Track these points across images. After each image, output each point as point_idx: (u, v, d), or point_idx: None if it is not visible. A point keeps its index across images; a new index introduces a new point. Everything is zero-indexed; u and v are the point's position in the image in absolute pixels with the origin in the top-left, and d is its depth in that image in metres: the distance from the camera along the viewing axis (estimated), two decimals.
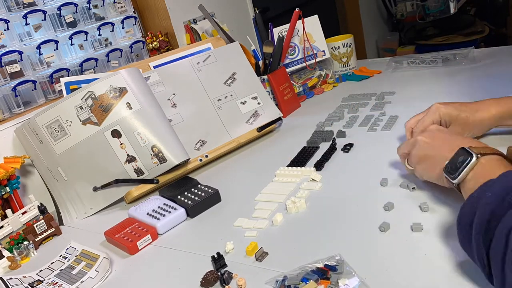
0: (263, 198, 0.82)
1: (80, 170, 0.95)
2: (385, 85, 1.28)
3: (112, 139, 0.93)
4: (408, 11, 3.10)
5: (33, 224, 0.88)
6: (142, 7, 1.52)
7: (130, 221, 0.83)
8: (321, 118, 1.13)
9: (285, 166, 0.91)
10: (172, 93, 1.07)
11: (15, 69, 1.13)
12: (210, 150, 1.04)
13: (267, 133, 1.14)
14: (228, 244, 0.68)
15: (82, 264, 0.75)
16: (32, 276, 0.75)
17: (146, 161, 0.93)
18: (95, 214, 0.95)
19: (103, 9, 1.36)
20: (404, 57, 1.43)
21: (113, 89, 0.95)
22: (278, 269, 0.61)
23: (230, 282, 0.61)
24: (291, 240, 0.67)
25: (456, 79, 1.18)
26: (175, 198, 0.86)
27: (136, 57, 1.44)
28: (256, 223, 0.74)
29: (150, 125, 0.95)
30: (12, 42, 1.14)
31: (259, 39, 1.38)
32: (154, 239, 0.78)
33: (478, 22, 2.81)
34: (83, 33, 1.30)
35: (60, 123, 0.94)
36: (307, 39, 1.34)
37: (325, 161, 0.90)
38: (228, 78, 1.15)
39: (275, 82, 1.22)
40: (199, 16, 1.56)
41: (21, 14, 1.16)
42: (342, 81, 1.41)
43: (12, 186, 0.91)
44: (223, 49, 1.19)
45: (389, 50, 3.12)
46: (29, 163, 1.00)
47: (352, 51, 1.45)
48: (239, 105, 1.13)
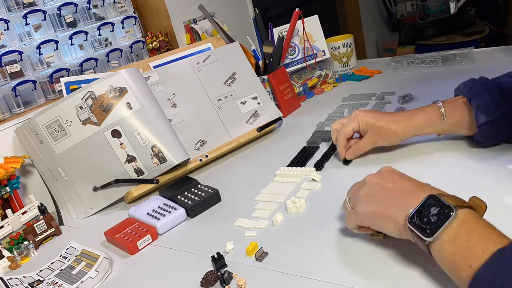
0: (263, 198, 0.82)
1: (80, 170, 0.95)
2: (385, 85, 1.28)
3: (112, 139, 0.93)
4: (408, 11, 3.10)
5: (33, 224, 0.88)
6: (142, 7, 1.52)
7: (130, 221, 0.83)
8: (321, 118, 1.13)
9: (285, 166, 0.91)
10: (172, 93, 1.07)
11: (15, 69, 1.13)
12: (210, 150, 1.04)
13: (267, 133, 1.14)
14: (228, 244, 0.68)
15: (82, 264, 0.75)
16: (32, 276, 0.75)
17: (146, 161, 0.93)
18: (95, 214, 0.95)
19: (103, 9, 1.36)
20: (404, 57, 1.43)
21: (113, 89, 0.95)
22: (278, 269, 0.61)
23: (230, 282, 0.61)
24: (291, 240, 0.67)
25: (456, 79, 1.17)
26: (175, 198, 0.86)
27: (136, 57, 1.44)
28: (256, 223, 0.74)
29: (150, 125, 0.95)
30: (12, 42, 1.14)
31: (259, 39, 1.38)
32: (154, 239, 0.78)
33: (478, 22, 2.81)
34: (83, 33, 1.30)
35: (60, 123, 0.94)
36: (307, 39, 1.34)
37: (325, 161, 0.90)
38: (228, 78, 1.15)
39: (275, 82, 1.22)
40: (199, 16, 1.56)
41: (21, 14, 1.16)
42: (342, 81, 1.41)
43: (12, 186, 0.91)
44: (223, 49, 1.19)
45: (389, 50, 3.13)
46: (29, 163, 1.00)
47: (352, 51, 1.45)
48: (239, 105, 1.13)
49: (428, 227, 0.48)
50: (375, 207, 0.56)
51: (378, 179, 0.59)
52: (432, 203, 0.50)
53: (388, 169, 0.61)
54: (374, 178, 0.60)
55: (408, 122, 0.79)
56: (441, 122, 0.77)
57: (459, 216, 0.48)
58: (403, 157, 0.83)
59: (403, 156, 0.83)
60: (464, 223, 0.47)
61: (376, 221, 0.56)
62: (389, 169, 0.61)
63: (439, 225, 0.48)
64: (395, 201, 0.54)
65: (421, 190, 0.53)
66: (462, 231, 0.47)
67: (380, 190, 0.57)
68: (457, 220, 0.47)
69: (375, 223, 0.57)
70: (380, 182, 0.58)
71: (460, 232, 0.47)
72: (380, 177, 0.59)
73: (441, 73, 1.26)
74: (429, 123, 0.78)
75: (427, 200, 0.50)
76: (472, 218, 0.48)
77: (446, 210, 0.48)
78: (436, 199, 0.50)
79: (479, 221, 0.48)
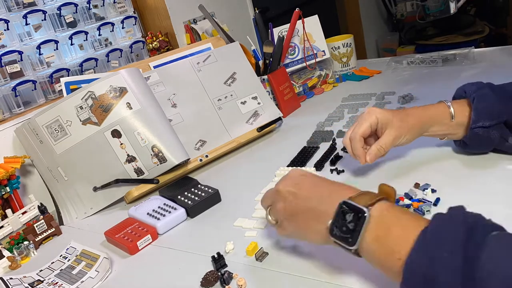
0: None
1: (80, 170, 0.95)
2: (385, 85, 1.28)
3: (112, 139, 0.93)
4: (408, 11, 3.10)
5: (33, 224, 0.88)
6: (142, 7, 1.52)
7: (130, 221, 0.83)
8: (321, 118, 1.13)
9: (285, 166, 0.91)
10: (172, 93, 1.07)
11: (15, 69, 1.13)
12: (210, 150, 1.04)
13: (267, 133, 1.14)
14: (228, 244, 0.68)
15: (82, 264, 0.75)
16: (32, 276, 0.75)
17: (146, 161, 0.93)
18: (95, 214, 0.95)
19: (103, 9, 1.36)
20: (404, 57, 1.43)
21: (113, 89, 0.95)
22: (278, 269, 0.62)
23: (230, 282, 0.61)
24: (291, 240, 0.67)
25: (456, 79, 1.18)
26: (175, 198, 0.86)
27: (136, 57, 1.44)
28: (256, 223, 0.74)
29: (150, 125, 0.95)
30: (12, 42, 1.14)
31: (259, 39, 1.38)
32: (154, 239, 0.78)
33: (478, 22, 2.82)
34: (83, 33, 1.30)
35: (60, 123, 0.94)
36: (307, 39, 1.34)
37: (325, 161, 0.90)
38: (228, 78, 1.15)
39: (275, 82, 1.22)
40: (199, 16, 1.56)
41: (21, 14, 1.16)
42: (342, 81, 1.41)
43: (12, 186, 0.91)
44: (223, 49, 1.19)
45: (389, 50, 3.13)
46: (29, 163, 1.00)
47: (352, 51, 1.45)
48: (239, 105, 1.13)
49: (349, 235, 0.49)
50: (296, 224, 0.56)
51: (291, 187, 0.58)
52: (345, 210, 0.50)
53: (297, 173, 0.60)
54: (287, 186, 0.58)
55: (423, 113, 0.74)
56: (449, 121, 0.73)
57: (372, 215, 0.48)
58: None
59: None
60: (380, 219, 0.48)
61: (302, 236, 0.57)
62: (299, 173, 0.60)
63: (358, 231, 0.48)
64: (313, 212, 0.54)
65: (335, 192, 0.53)
66: (381, 227, 0.47)
67: (295, 200, 0.56)
68: (373, 220, 0.48)
69: (302, 238, 0.58)
70: (293, 190, 0.57)
71: (379, 229, 0.47)
72: (292, 183, 0.58)
73: (441, 73, 1.26)
74: (440, 119, 0.74)
75: (341, 207, 0.50)
76: (386, 212, 0.48)
77: (360, 213, 0.48)
78: (348, 204, 0.50)
79: (393, 211, 0.48)
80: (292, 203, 0.56)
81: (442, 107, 0.74)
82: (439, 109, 0.74)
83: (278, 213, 0.58)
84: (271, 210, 0.60)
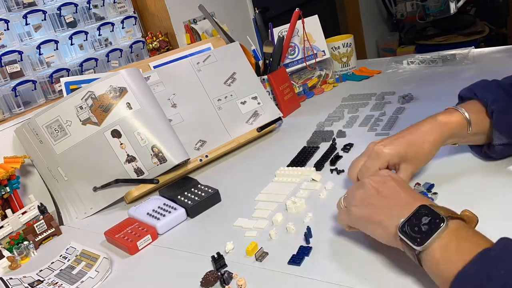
0: (263, 198, 0.82)
1: (80, 170, 0.95)
2: (385, 85, 1.28)
3: (112, 139, 0.93)
4: (408, 11, 3.10)
5: (33, 224, 0.88)
6: (142, 7, 1.52)
7: (130, 221, 0.83)
8: (321, 118, 1.13)
9: (285, 166, 0.91)
10: (172, 93, 1.07)
11: (15, 69, 1.13)
12: (210, 150, 1.04)
13: (267, 133, 1.14)
14: (228, 244, 0.68)
15: (82, 264, 0.75)
16: (32, 276, 0.75)
17: (146, 161, 0.93)
18: (95, 214, 0.95)
19: (103, 9, 1.36)
20: (404, 57, 1.43)
21: (113, 89, 0.95)
22: (278, 269, 0.62)
23: (230, 282, 0.61)
24: (291, 240, 0.67)
25: (456, 79, 1.18)
26: (175, 198, 0.86)
27: (136, 57, 1.44)
28: (256, 223, 0.74)
29: (150, 125, 0.95)
30: (12, 42, 1.14)
31: (259, 39, 1.38)
32: (154, 239, 0.78)
33: (478, 22, 2.82)
34: (83, 33, 1.30)
35: (60, 123, 0.94)
36: (307, 39, 1.34)
37: (325, 161, 0.90)
38: (228, 78, 1.15)
39: (275, 82, 1.22)
40: (199, 16, 1.56)
41: (21, 14, 1.16)
42: (342, 81, 1.41)
43: (12, 186, 0.91)
44: (223, 49, 1.19)
45: (389, 50, 3.13)
46: (29, 163, 1.00)
47: (352, 51, 1.45)
48: (239, 105, 1.13)
49: (419, 236, 0.49)
50: (366, 211, 0.56)
51: (376, 183, 0.59)
52: (423, 213, 0.50)
53: (387, 173, 0.61)
54: (373, 182, 0.59)
55: (439, 135, 0.68)
56: (466, 132, 0.68)
57: (450, 225, 0.48)
58: None
59: None
60: (455, 232, 0.48)
61: (366, 225, 0.57)
62: (388, 174, 0.61)
63: (430, 234, 0.48)
64: (388, 209, 0.55)
65: (416, 201, 0.53)
66: (453, 238, 0.47)
67: (376, 194, 0.57)
68: (449, 229, 0.48)
69: (365, 227, 0.58)
70: (378, 186, 0.58)
71: (451, 240, 0.47)
72: (379, 180, 0.59)
73: (441, 73, 1.26)
74: (455, 132, 0.69)
75: (418, 210, 0.51)
76: (463, 229, 0.48)
77: (437, 219, 0.48)
78: (428, 209, 0.50)
79: (469, 230, 0.48)
80: (372, 197, 0.57)
81: (455, 118, 0.68)
82: (452, 119, 0.68)
83: (352, 199, 0.59)
84: (347, 197, 0.61)
